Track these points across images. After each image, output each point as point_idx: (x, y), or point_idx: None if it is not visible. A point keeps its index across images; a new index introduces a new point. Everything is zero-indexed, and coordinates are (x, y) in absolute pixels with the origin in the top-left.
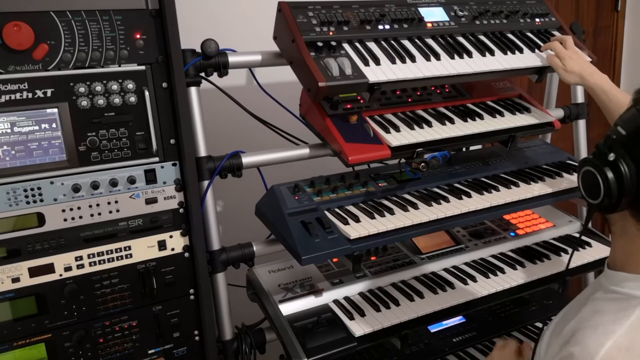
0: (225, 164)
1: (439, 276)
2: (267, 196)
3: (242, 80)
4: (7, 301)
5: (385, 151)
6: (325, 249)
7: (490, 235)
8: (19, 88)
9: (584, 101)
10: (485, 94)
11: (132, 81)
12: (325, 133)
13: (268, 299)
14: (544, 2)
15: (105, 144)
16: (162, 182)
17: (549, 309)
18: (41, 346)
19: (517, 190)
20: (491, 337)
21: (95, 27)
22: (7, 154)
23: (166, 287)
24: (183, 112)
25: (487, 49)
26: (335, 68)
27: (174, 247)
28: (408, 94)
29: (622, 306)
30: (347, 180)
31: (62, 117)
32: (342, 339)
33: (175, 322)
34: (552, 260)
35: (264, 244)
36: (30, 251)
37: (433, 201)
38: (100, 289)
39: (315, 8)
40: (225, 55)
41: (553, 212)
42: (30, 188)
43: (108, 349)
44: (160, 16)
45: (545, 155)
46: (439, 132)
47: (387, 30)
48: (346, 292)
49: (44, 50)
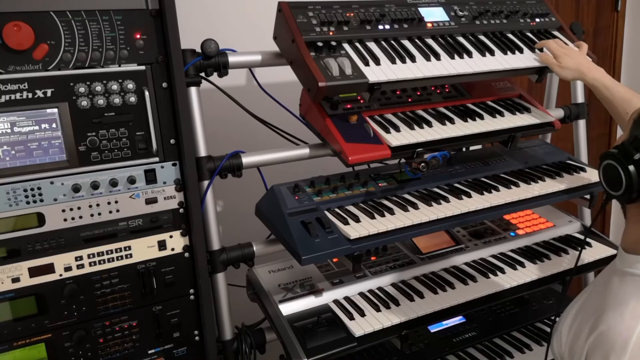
0: (225, 164)
1: (439, 276)
2: (267, 196)
3: (242, 80)
4: (7, 301)
5: (385, 151)
6: (325, 249)
7: (490, 235)
8: (19, 88)
9: (584, 101)
10: (485, 94)
11: (132, 81)
12: (325, 133)
13: (268, 299)
14: (544, 2)
15: (105, 144)
16: (162, 182)
17: (549, 309)
18: (41, 346)
19: (517, 190)
20: (491, 337)
21: (95, 27)
22: (7, 154)
23: (166, 287)
24: (183, 112)
25: (487, 49)
26: (335, 68)
27: (174, 247)
28: (408, 94)
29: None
30: (347, 180)
31: (62, 117)
32: (342, 339)
33: (175, 322)
34: (552, 260)
35: (264, 244)
36: (30, 251)
37: (433, 201)
38: (100, 289)
39: (315, 8)
40: (225, 55)
41: (553, 212)
42: (30, 188)
43: (108, 349)
44: (160, 16)
45: (545, 155)
46: (439, 132)
47: (387, 30)
48: (346, 292)
49: (44, 50)
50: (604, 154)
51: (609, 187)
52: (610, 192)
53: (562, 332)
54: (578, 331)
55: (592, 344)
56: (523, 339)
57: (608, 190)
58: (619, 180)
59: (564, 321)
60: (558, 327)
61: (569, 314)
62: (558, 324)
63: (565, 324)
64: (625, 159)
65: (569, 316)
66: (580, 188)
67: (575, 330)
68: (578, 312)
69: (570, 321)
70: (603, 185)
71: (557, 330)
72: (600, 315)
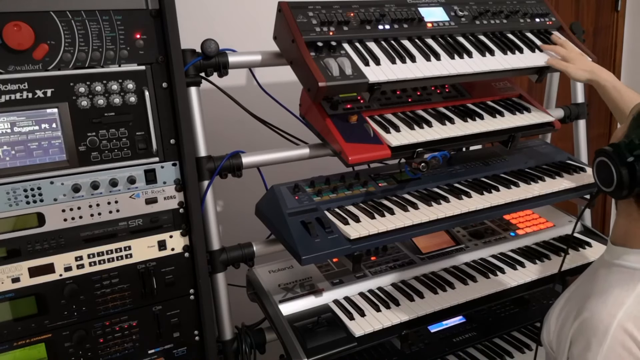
0: (225, 164)
1: (439, 276)
2: (267, 196)
3: (242, 80)
4: (7, 301)
5: (385, 151)
6: (325, 249)
7: (490, 235)
8: (19, 88)
9: (584, 101)
10: (485, 94)
11: (132, 81)
12: (325, 133)
13: (268, 299)
14: (544, 2)
15: (105, 144)
16: (162, 182)
17: (548, 309)
18: (41, 346)
19: (517, 190)
20: (491, 337)
21: (95, 27)
22: (7, 154)
23: (166, 287)
24: (183, 112)
25: (487, 49)
26: (335, 68)
27: (174, 247)
28: (408, 94)
29: (627, 279)
30: (347, 180)
31: (62, 117)
32: (342, 339)
33: (175, 322)
34: (552, 260)
35: (264, 244)
36: (30, 251)
37: (433, 201)
38: (100, 289)
39: (315, 8)
40: (225, 55)
41: (553, 212)
42: (30, 188)
43: (108, 349)
44: (160, 16)
45: (545, 155)
46: (439, 132)
47: (387, 30)
48: (346, 292)
49: (44, 50)
50: (599, 150)
51: (601, 182)
52: (602, 188)
53: (550, 322)
54: (565, 319)
55: (576, 330)
56: (523, 339)
57: (600, 185)
58: (610, 178)
59: (552, 312)
60: (547, 317)
61: (557, 305)
62: (547, 315)
63: (553, 314)
64: (619, 160)
65: (557, 306)
66: (580, 188)
67: (562, 319)
68: (566, 302)
69: (558, 311)
70: (596, 180)
71: (546, 321)
72: (585, 302)
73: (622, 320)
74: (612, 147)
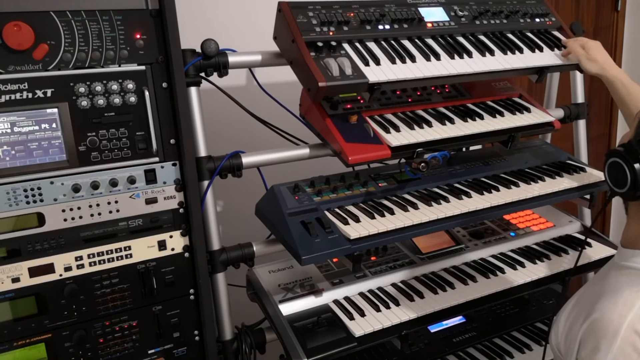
0: (225, 164)
1: (439, 276)
2: (267, 196)
3: (242, 80)
4: (7, 301)
5: (385, 151)
6: (325, 249)
7: (490, 235)
8: (19, 88)
9: (584, 101)
10: (485, 94)
11: (132, 81)
12: (325, 133)
13: (268, 299)
14: (544, 2)
15: (105, 144)
16: (162, 182)
17: (549, 309)
18: (41, 346)
19: (517, 190)
20: (491, 337)
21: (95, 27)
22: (7, 154)
23: (166, 287)
24: (183, 112)
25: (487, 49)
26: (335, 68)
27: (174, 247)
28: (408, 94)
29: (637, 280)
30: (347, 180)
31: (62, 117)
32: (342, 339)
33: (175, 322)
34: (552, 260)
35: (264, 244)
36: (30, 251)
37: (433, 201)
38: (100, 289)
39: (315, 8)
40: (225, 55)
41: (553, 212)
42: (30, 188)
43: (108, 349)
44: (160, 16)
45: (545, 155)
46: (439, 132)
47: (387, 30)
48: (346, 292)
49: (44, 50)
50: (610, 151)
51: (613, 184)
52: (615, 189)
53: (559, 324)
54: (574, 321)
55: (586, 331)
56: (523, 339)
57: (612, 187)
58: (624, 178)
59: (561, 313)
60: (556, 319)
61: (566, 307)
62: (556, 317)
63: (562, 316)
64: (631, 157)
65: (567, 309)
66: (580, 188)
67: (571, 321)
68: (575, 304)
69: (567, 313)
70: (608, 182)
71: (555, 323)
72: (594, 304)
73: (633, 321)
74: (623, 147)
